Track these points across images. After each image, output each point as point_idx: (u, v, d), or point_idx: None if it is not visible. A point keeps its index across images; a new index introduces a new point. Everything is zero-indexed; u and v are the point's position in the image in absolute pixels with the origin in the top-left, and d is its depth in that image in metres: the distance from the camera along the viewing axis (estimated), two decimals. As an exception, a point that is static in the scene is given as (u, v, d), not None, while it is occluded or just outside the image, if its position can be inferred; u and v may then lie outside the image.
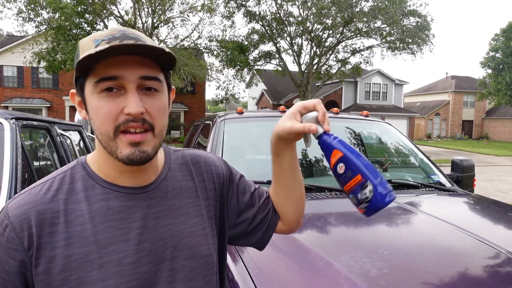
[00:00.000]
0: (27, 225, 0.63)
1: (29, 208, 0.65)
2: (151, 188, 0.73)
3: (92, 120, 0.66)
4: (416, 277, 1.10)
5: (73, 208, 0.66)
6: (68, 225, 0.65)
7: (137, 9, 14.34)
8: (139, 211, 0.70)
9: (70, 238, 0.64)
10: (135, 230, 0.68)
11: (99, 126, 0.65)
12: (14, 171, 1.88)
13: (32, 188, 0.69)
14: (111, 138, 0.65)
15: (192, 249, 0.73)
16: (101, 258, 0.64)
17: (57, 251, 0.63)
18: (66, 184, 0.69)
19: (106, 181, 0.70)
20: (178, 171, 0.79)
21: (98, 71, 0.63)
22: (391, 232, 1.50)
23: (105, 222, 0.67)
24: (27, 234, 0.63)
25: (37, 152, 3.14)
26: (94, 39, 0.65)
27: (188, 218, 0.75)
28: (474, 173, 2.58)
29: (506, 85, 27.96)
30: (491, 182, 10.25)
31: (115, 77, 0.63)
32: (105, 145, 0.66)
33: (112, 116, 0.64)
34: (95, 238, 0.65)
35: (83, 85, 0.66)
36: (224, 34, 15.91)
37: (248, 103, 36.07)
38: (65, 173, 0.71)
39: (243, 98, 38.34)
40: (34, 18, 13.06)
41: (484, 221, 1.77)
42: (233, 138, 2.29)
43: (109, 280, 0.64)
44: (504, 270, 1.20)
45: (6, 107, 21.00)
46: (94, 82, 0.63)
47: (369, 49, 18.77)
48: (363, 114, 2.79)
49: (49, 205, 0.66)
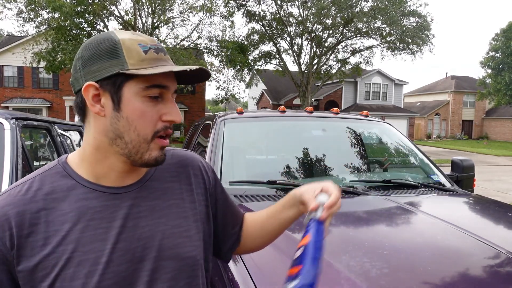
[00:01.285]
0: (8, 226, 0.65)
1: (8, 210, 0.66)
2: (134, 188, 0.74)
3: (125, 120, 0.68)
4: (416, 277, 1.10)
5: (53, 207, 0.68)
6: (47, 225, 0.66)
7: (137, 9, 14.34)
8: (119, 210, 0.71)
9: (49, 238, 0.66)
10: (114, 229, 0.69)
11: (138, 128, 0.68)
12: (14, 171, 1.88)
13: (12, 189, 0.69)
14: (147, 141, 0.69)
15: (173, 250, 0.73)
16: (78, 257, 0.66)
17: (36, 250, 0.65)
18: (46, 184, 0.69)
19: (87, 180, 0.71)
20: (166, 172, 0.80)
21: (150, 77, 0.67)
22: (391, 232, 1.50)
23: (85, 221, 0.68)
24: (8, 235, 0.65)
25: (37, 152, 3.14)
26: (139, 43, 0.68)
27: (170, 219, 0.75)
28: (474, 173, 2.58)
29: (506, 85, 27.95)
30: (491, 182, 10.25)
31: (165, 86, 0.69)
32: (133, 145, 0.69)
33: (153, 121, 0.69)
34: (74, 237, 0.66)
35: (122, 84, 0.67)
36: (224, 34, 15.92)
37: (248, 103, 36.06)
38: (45, 173, 0.72)
39: (243, 98, 38.37)
40: (34, 18, 13.06)
41: (484, 221, 1.77)
42: (233, 138, 2.29)
43: (85, 278, 0.66)
44: (504, 270, 1.20)
45: (7, 107, 21.00)
46: (145, 86, 0.67)
47: (369, 49, 18.77)
48: (363, 114, 2.79)
49: (29, 206, 0.67)
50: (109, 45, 0.67)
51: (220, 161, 2.04)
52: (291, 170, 2.21)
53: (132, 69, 0.66)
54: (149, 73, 0.65)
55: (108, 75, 0.66)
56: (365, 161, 2.51)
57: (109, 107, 0.68)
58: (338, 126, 2.63)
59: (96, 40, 0.69)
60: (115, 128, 0.68)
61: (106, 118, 0.68)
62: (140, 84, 0.67)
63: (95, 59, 0.67)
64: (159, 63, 0.69)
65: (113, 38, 0.68)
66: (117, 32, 0.70)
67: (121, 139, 0.68)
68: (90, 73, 0.67)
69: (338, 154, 2.44)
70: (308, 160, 2.32)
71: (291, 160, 2.29)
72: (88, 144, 0.71)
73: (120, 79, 0.67)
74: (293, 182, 2.03)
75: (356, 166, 2.37)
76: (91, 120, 0.70)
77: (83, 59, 0.68)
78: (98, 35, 0.70)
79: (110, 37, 0.68)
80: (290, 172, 2.19)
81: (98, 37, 0.69)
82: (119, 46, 0.67)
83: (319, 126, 2.60)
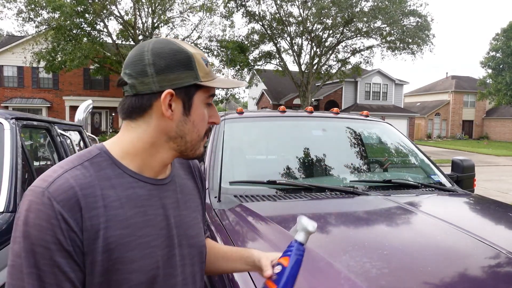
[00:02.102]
0: (78, 208, 0.67)
1: (76, 192, 0.68)
2: (166, 182, 0.82)
3: (191, 122, 0.78)
4: (416, 277, 1.09)
5: (106, 193, 0.71)
6: (106, 209, 0.70)
7: (137, 9, 14.34)
8: (159, 200, 0.78)
9: (108, 221, 0.69)
10: (159, 216, 0.77)
11: (200, 128, 0.80)
12: (14, 171, 1.88)
13: (67, 172, 0.70)
14: (201, 139, 0.81)
15: (194, 239, 0.85)
16: (134, 241, 0.71)
17: (99, 233, 0.68)
18: (95, 171, 0.72)
19: (132, 170, 0.76)
20: (181, 169, 0.91)
21: (210, 88, 0.80)
22: (391, 232, 1.49)
23: (135, 207, 0.73)
24: (79, 216, 0.67)
25: (37, 152, 3.14)
26: (202, 57, 0.79)
27: (190, 212, 0.86)
28: (474, 173, 2.58)
29: (506, 85, 27.95)
30: (492, 182, 10.25)
31: (215, 95, 0.84)
32: (194, 144, 0.80)
33: (206, 123, 0.82)
34: (128, 222, 0.71)
35: (193, 93, 0.77)
36: (224, 34, 15.92)
37: (248, 103, 36.06)
38: (92, 160, 0.74)
39: (243, 98, 38.34)
40: (34, 18, 13.06)
41: (484, 221, 1.77)
42: (233, 138, 2.29)
43: (141, 260, 0.71)
44: (504, 270, 1.20)
45: (6, 107, 21.00)
46: (209, 95, 0.80)
47: (369, 49, 18.78)
48: (363, 114, 2.79)
49: (90, 190, 0.69)
50: (184, 58, 0.76)
51: (220, 161, 2.04)
52: (291, 170, 2.21)
53: (203, 81, 0.77)
54: (220, 86, 0.80)
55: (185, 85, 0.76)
56: (365, 161, 2.51)
57: (178, 112, 0.76)
58: (338, 126, 2.63)
59: (169, 50, 0.76)
60: (180, 130, 0.78)
61: (173, 121, 0.76)
62: (206, 94, 0.79)
63: (172, 69, 0.75)
64: (214, 75, 0.81)
65: (187, 51, 0.77)
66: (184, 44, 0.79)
67: (182, 138, 0.78)
68: (167, 81, 0.75)
69: (338, 154, 2.44)
70: (308, 160, 2.32)
71: (291, 160, 2.29)
72: (142, 141, 0.77)
73: (193, 89, 0.77)
74: (293, 182, 2.03)
75: (356, 166, 2.37)
76: (152, 121, 0.76)
77: (158, 67, 0.74)
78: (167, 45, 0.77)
79: (182, 50, 0.76)
80: (290, 172, 2.19)
81: (169, 47, 0.76)
82: (193, 60, 0.77)
83: (319, 126, 2.60)
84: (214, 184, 1.93)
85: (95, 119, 24.04)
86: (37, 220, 0.65)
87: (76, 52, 12.61)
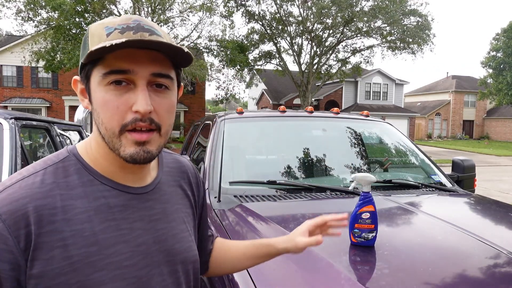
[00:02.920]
0: (25, 222, 0.56)
1: (25, 203, 0.57)
2: (148, 190, 0.71)
3: (96, 112, 0.63)
4: (416, 278, 1.09)
5: (71, 204, 0.60)
6: (66, 223, 0.59)
7: (136, 9, 14.34)
8: (137, 212, 0.67)
9: (70, 238, 0.59)
10: (135, 231, 0.65)
11: (105, 121, 0.61)
12: (13, 171, 1.88)
13: (22, 180, 0.60)
14: (115, 135, 0.62)
15: (183, 254, 0.73)
16: (102, 260, 0.60)
17: (54, 252, 0.57)
18: (60, 178, 0.62)
19: (104, 176, 0.66)
20: (170, 175, 0.79)
21: (109, 62, 0.59)
22: (392, 232, 1.49)
23: (106, 221, 0.62)
24: (24, 233, 0.56)
25: (36, 152, 3.14)
26: (105, 26, 0.61)
27: (178, 223, 0.74)
28: (475, 173, 2.57)
29: (507, 84, 27.93)
30: (492, 182, 10.25)
31: (126, 70, 0.60)
32: (108, 141, 0.63)
33: (120, 113, 0.60)
34: (95, 239, 0.61)
35: (90, 73, 0.62)
36: (224, 34, 15.91)
37: (248, 103, 36.06)
38: (56, 165, 0.64)
39: (243, 98, 38.38)
40: (33, 17, 13.06)
41: (485, 221, 1.76)
42: (233, 138, 2.29)
43: (110, 283, 0.61)
44: (504, 270, 1.19)
45: (6, 107, 21.01)
46: (103, 74, 0.60)
47: (370, 48, 18.77)
48: (363, 114, 2.79)
49: (46, 200, 0.59)
50: (84, 37, 0.65)
51: (220, 161, 2.03)
52: (291, 170, 2.20)
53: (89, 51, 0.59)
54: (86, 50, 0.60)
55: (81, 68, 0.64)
56: (365, 161, 2.50)
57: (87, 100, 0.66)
58: (338, 126, 2.63)
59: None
60: (95, 121, 0.64)
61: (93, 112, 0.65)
62: (101, 70, 0.60)
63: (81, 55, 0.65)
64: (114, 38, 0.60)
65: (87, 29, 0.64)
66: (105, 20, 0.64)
67: (100, 132, 0.64)
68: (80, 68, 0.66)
69: (338, 154, 2.43)
70: (308, 160, 2.32)
71: (291, 160, 2.29)
72: (93, 140, 0.68)
73: (88, 69, 0.62)
74: (293, 182, 2.02)
75: (357, 166, 2.37)
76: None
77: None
78: None
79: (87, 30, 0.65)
80: (290, 172, 2.19)
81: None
82: (88, 35, 0.63)
83: (319, 126, 2.60)
84: (214, 184, 1.92)
85: (95, 119, 23.99)
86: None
87: (75, 50, 12.61)
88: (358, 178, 1.29)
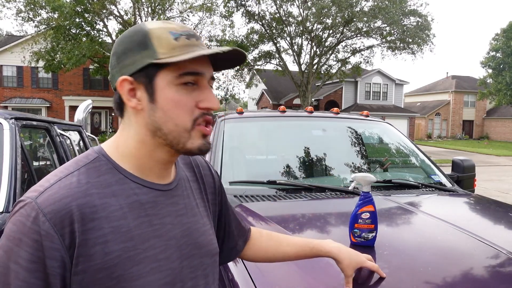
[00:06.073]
0: (69, 220, 0.59)
1: (68, 202, 0.60)
2: (172, 186, 0.74)
3: (161, 111, 0.66)
4: (416, 278, 1.09)
5: (106, 202, 0.63)
6: (105, 220, 0.62)
7: (136, 9, 14.34)
8: (165, 207, 0.70)
9: (109, 235, 0.62)
10: (166, 226, 0.69)
11: (175, 117, 0.66)
12: (13, 171, 1.88)
13: (60, 181, 0.63)
14: (187, 130, 0.67)
15: (207, 247, 0.76)
16: (139, 254, 0.64)
17: (96, 249, 0.60)
18: (93, 177, 0.65)
19: (134, 175, 0.68)
20: (186, 170, 0.82)
21: (183, 64, 0.65)
22: (391, 232, 1.49)
23: (139, 217, 0.66)
24: (68, 231, 0.59)
25: (36, 152, 3.14)
26: (170, 31, 0.66)
27: (200, 217, 0.78)
28: (475, 173, 2.57)
29: (506, 84, 27.95)
30: (492, 182, 10.25)
31: (199, 73, 0.67)
32: (174, 136, 0.67)
33: (190, 109, 0.67)
34: (131, 234, 0.64)
35: (154, 74, 0.65)
36: (224, 34, 15.91)
37: (248, 103, 36.06)
38: (88, 165, 0.66)
39: (243, 98, 38.37)
40: (33, 18, 13.06)
41: (484, 221, 1.76)
42: (233, 138, 2.29)
43: (147, 276, 0.64)
44: (504, 270, 1.19)
45: (6, 107, 21.01)
46: (178, 74, 0.65)
47: (369, 49, 18.79)
48: (363, 114, 2.79)
49: (86, 199, 0.62)
50: (139, 37, 0.66)
51: (220, 161, 2.03)
52: (291, 170, 2.21)
53: (162, 58, 0.64)
54: (178, 59, 0.63)
55: (140, 67, 0.65)
56: (365, 161, 2.50)
57: (145, 100, 0.67)
58: (338, 126, 2.63)
59: (128, 33, 0.68)
60: (153, 121, 0.67)
61: (144, 111, 0.67)
62: (173, 73, 0.65)
63: (128, 53, 0.66)
64: (191, 49, 0.66)
65: (143, 29, 0.67)
66: (148, 22, 0.68)
67: (160, 130, 0.67)
68: (124, 67, 0.67)
69: (338, 154, 2.43)
70: (308, 160, 2.32)
71: (291, 160, 2.29)
72: (132, 139, 0.69)
73: (152, 70, 0.65)
74: (293, 182, 2.03)
75: (357, 166, 2.37)
76: (131, 116, 0.68)
77: (117, 55, 0.68)
78: (131, 29, 0.69)
79: (141, 29, 0.67)
80: (290, 172, 2.19)
81: (130, 30, 0.69)
82: (149, 36, 0.66)
83: (319, 126, 2.60)
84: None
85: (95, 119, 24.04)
86: (17, 233, 0.58)
87: (75, 50, 12.61)
88: (358, 178, 1.28)
